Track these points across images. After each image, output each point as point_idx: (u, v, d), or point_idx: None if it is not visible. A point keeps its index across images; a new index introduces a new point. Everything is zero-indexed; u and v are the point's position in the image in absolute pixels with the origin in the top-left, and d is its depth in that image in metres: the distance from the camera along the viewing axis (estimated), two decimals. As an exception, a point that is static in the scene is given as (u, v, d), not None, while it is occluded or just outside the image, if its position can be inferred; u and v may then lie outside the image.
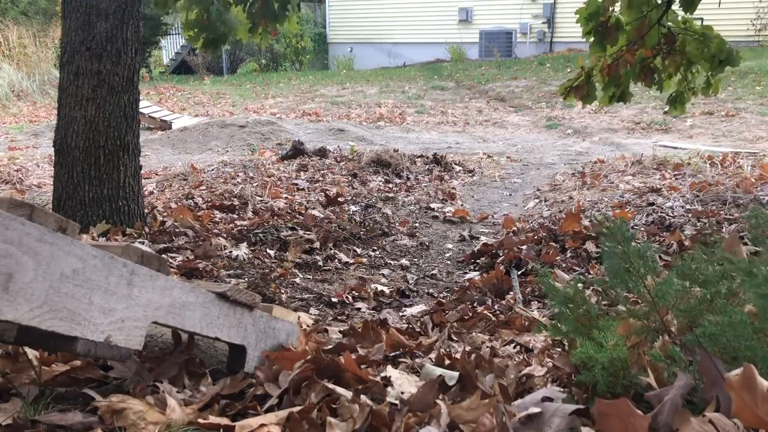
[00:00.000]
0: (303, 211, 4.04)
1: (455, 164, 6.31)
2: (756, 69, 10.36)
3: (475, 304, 2.47)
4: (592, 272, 2.73)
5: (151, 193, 4.89)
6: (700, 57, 3.41)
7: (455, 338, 1.94)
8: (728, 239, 2.15)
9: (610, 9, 3.41)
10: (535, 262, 2.88)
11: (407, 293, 2.87)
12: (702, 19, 3.52)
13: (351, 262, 3.27)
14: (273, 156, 6.53)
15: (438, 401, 1.19)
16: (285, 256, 3.20)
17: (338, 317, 2.52)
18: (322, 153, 6.24)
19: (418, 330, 2.12)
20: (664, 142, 7.31)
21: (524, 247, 3.13)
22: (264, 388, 1.36)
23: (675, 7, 3.40)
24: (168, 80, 15.76)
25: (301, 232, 3.51)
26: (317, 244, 3.37)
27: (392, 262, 3.34)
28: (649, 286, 1.25)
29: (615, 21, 3.41)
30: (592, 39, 3.46)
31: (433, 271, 3.22)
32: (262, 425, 1.16)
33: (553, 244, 3.18)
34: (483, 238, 3.73)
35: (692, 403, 1.10)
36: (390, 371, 1.41)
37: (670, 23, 3.43)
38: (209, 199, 4.34)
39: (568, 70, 12.73)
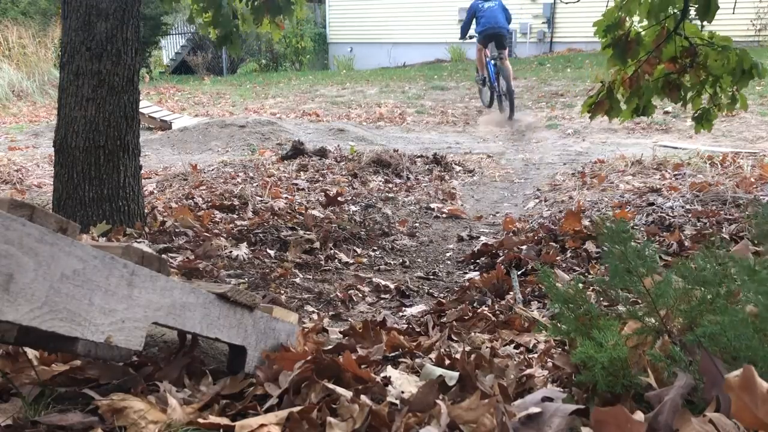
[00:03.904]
0: (303, 211, 4.04)
1: (455, 164, 6.31)
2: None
3: (475, 304, 2.47)
4: (592, 272, 2.73)
5: (151, 193, 4.90)
6: (722, 70, 3.35)
7: (455, 338, 1.94)
8: (738, 248, 2.15)
9: (628, 21, 3.38)
10: (535, 262, 2.88)
11: (407, 293, 2.87)
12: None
13: (351, 262, 3.28)
14: (273, 156, 6.53)
15: (438, 401, 1.20)
16: (285, 256, 3.20)
17: (338, 317, 2.52)
18: (322, 153, 6.24)
19: (418, 330, 2.12)
20: (664, 142, 7.31)
21: (524, 247, 3.13)
22: (264, 388, 1.36)
23: (693, 17, 3.35)
24: (168, 80, 15.76)
25: (301, 232, 3.51)
26: (317, 244, 3.37)
27: (392, 262, 3.34)
28: (649, 286, 1.26)
29: (635, 35, 3.37)
30: (611, 52, 3.41)
31: (434, 271, 3.23)
32: (262, 425, 1.16)
33: (553, 244, 3.18)
34: (483, 238, 3.73)
35: (692, 403, 1.10)
36: (390, 371, 1.41)
37: (694, 35, 3.38)
38: (209, 199, 4.34)
39: (568, 69, 12.73)
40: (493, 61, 9.25)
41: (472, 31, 9.56)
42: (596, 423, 1.05)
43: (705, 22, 3.20)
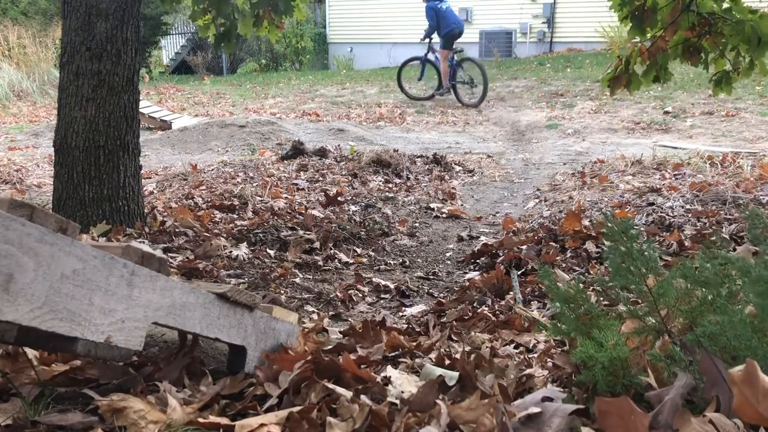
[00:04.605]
0: (303, 211, 4.04)
1: (455, 164, 6.31)
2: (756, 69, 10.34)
3: (475, 304, 2.47)
4: (592, 272, 2.73)
5: (151, 193, 4.90)
6: (737, 40, 3.37)
7: (455, 338, 1.94)
8: (740, 251, 2.15)
9: None
10: (535, 262, 2.88)
11: (407, 293, 2.87)
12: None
13: (351, 262, 3.28)
14: (273, 156, 6.53)
15: (438, 401, 1.19)
16: (285, 256, 3.20)
17: (338, 317, 2.52)
18: (322, 153, 6.24)
19: (418, 330, 2.12)
20: (664, 142, 7.31)
21: (524, 247, 3.13)
22: (264, 388, 1.36)
23: None
24: (168, 80, 15.76)
25: (301, 232, 3.51)
26: (317, 244, 3.37)
27: (392, 262, 3.34)
28: (650, 285, 1.25)
29: (652, 3, 3.40)
30: (629, 25, 3.46)
31: (434, 271, 3.23)
32: (262, 425, 1.16)
33: (553, 244, 3.18)
34: (483, 238, 3.73)
35: (692, 403, 1.10)
36: (390, 371, 1.41)
37: (714, 5, 3.40)
38: (209, 199, 4.34)
39: (568, 69, 12.73)
40: (453, 54, 10.25)
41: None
42: (600, 414, 1.05)
43: None
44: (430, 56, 10.65)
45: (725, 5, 3.41)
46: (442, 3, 10.23)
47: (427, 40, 10.57)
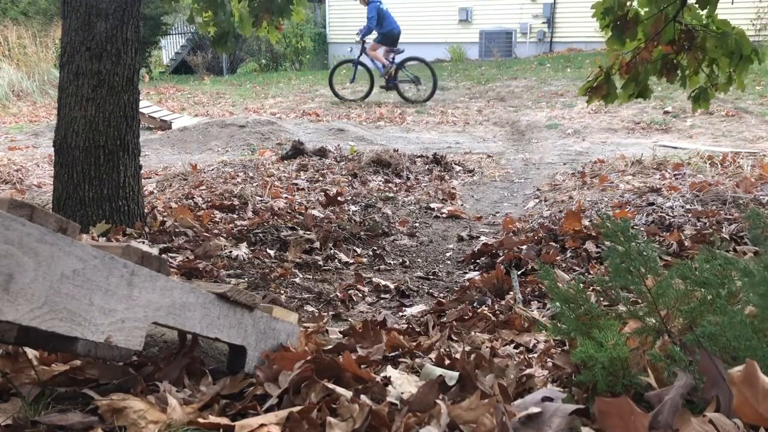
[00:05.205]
0: (303, 211, 4.04)
1: (455, 164, 6.31)
2: (756, 69, 10.33)
3: (475, 304, 2.47)
4: (592, 272, 2.73)
5: (151, 193, 4.90)
6: (719, 54, 3.38)
7: (455, 338, 1.94)
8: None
9: (628, 3, 3.40)
10: (535, 261, 2.88)
11: (407, 293, 2.87)
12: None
13: (351, 261, 3.28)
14: (273, 156, 6.53)
15: (438, 401, 1.19)
16: (285, 256, 3.20)
17: (338, 317, 2.52)
18: (322, 153, 6.24)
19: (418, 330, 2.12)
20: (664, 142, 7.31)
21: (524, 247, 3.13)
22: (264, 388, 1.36)
23: (693, 4, 3.39)
24: (168, 80, 15.76)
25: (301, 232, 3.51)
26: (317, 244, 3.37)
27: (392, 262, 3.34)
28: (650, 285, 1.26)
29: (634, 14, 3.40)
30: (609, 34, 3.46)
31: (433, 271, 3.22)
32: (262, 425, 1.16)
33: (553, 244, 3.18)
34: (483, 238, 3.73)
35: (692, 403, 1.10)
36: (390, 371, 1.41)
37: (691, 18, 3.41)
38: (209, 199, 4.34)
39: (568, 69, 12.73)
40: (392, 56, 10.81)
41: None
42: (600, 414, 1.05)
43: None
44: (363, 58, 10.96)
45: (703, 21, 3.42)
46: (381, 4, 10.80)
47: (361, 42, 10.97)
